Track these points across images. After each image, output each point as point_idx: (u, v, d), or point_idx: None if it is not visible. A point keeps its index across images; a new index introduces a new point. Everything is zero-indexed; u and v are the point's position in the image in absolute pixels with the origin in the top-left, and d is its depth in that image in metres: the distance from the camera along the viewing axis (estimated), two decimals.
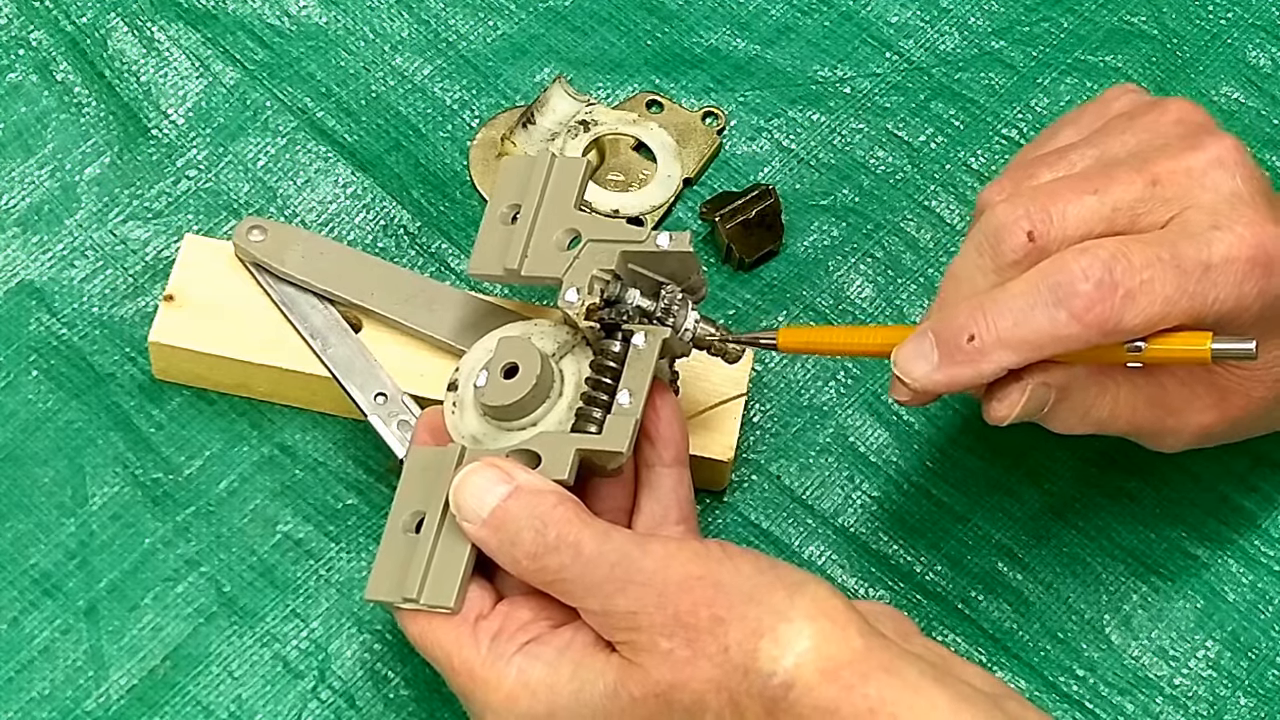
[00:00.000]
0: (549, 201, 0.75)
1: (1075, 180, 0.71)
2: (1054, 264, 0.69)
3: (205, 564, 0.78)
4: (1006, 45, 0.93)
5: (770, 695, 0.64)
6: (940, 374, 0.69)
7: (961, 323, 0.69)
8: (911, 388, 0.70)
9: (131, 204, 0.86)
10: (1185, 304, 0.68)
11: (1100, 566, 0.80)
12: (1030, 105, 0.91)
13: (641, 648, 0.65)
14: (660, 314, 0.73)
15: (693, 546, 0.67)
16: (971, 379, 0.69)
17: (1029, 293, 0.68)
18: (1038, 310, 0.68)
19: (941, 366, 0.69)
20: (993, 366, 0.69)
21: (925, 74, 0.92)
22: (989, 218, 0.70)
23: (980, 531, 0.81)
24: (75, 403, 0.81)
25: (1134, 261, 0.68)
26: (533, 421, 0.72)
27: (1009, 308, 0.68)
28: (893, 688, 0.63)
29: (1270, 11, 0.94)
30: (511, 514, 0.68)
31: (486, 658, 0.68)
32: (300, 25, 0.91)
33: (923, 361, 0.70)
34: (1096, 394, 0.71)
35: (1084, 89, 0.91)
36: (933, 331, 0.70)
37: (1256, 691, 0.78)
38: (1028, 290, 0.68)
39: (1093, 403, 0.71)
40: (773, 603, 0.65)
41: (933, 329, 0.70)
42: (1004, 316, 0.68)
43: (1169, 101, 0.74)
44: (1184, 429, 0.73)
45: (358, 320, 0.81)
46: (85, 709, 0.75)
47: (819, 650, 0.64)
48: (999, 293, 0.69)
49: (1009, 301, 0.69)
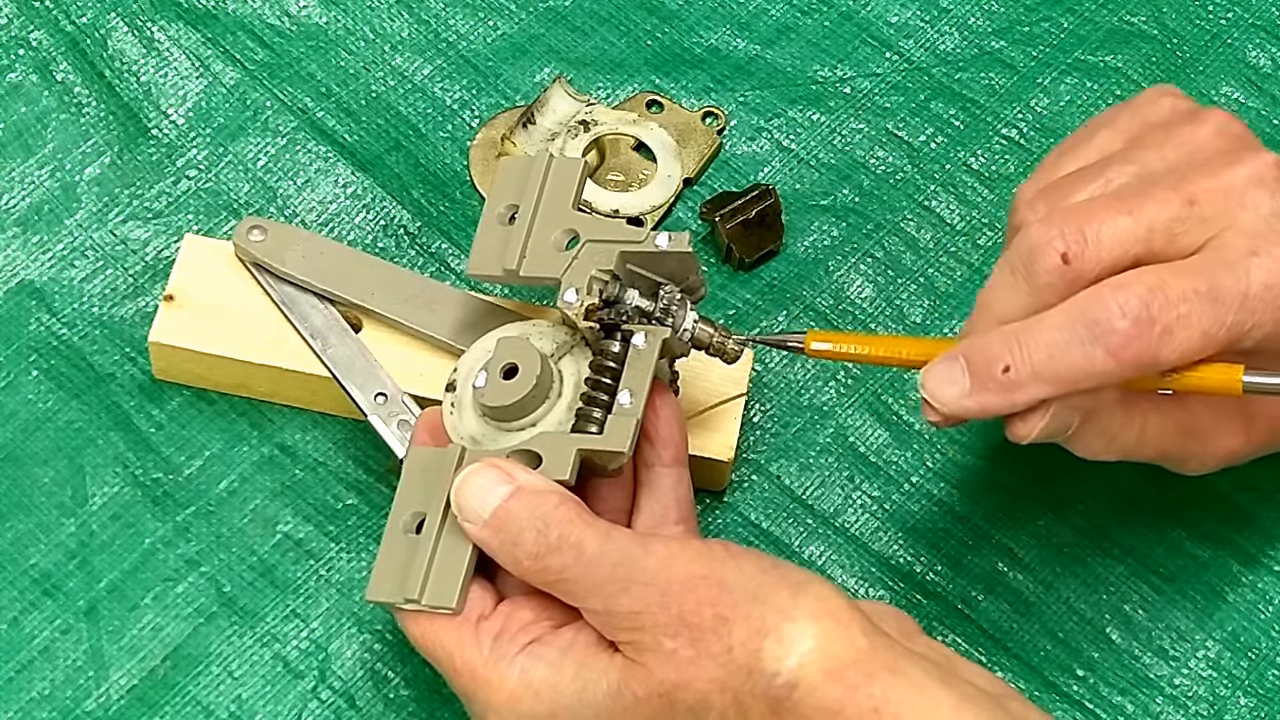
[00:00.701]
0: (547, 202, 0.75)
1: (1110, 200, 0.70)
2: (1090, 297, 0.68)
3: (205, 564, 0.78)
4: (1006, 45, 0.93)
5: (774, 695, 0.64)
6: (972, 401, 0.69)
7: (996, 353, 0.68)
8: (941, 412, 0.69)
9: (131, 204, 0.86)
10: (1223, 335, 0.68)
11: (1100, 566, 0.80)
12: (1030, 105, 0.91)
13: (645, 647, 0.65)
14: (659, 314, 0.73)
15: (696, 546, 0.67)
16: (1004, 409, 0.69)
17: (1065, 326, 0.68)
18: (1074, 346, 0.67)
19: (974, 393, 0.69)
20: (1027, 398, 0.68)
21: (925, 74, 0.92)
22: (1022, 239, 0.70)
23: (980, 531, 0.81)
24: (75, 403, 0.81)
25: (1171, 296, 0.67)
26: (532, 422, 0.72)
27: (1044, 341, 0.68)
28: (897, 687, 0.63)
29: (1270, 11, 0.94)
30: (513, 514, 0.68)
31: (489, 658, 0.68)
32: (300, 25, 0.91)
33: (953, 387, 0.69)
34: (1124, 420, 0.71)
35: (1084, 89, 0.91)
36: (965, 357, 0.69)
37: (1256, 691, 0.78)
38: (1064, 324, 0.68)
39: (1119, 429, 0.71)
40: (776, 602, 0.65)
41: (965, 354, 0.69)
42: (1039, 350, 0.68)
43: (1208, 113, 0.73)
44: (1210, 454, 0.73)
45: (358, 320, 0.81)
46: (85, 709, 0.75)
47: (823, 650, 0.64)
48: (1034, 324, 0.68)
49: (1044, 335, 0.68)
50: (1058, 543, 0.81)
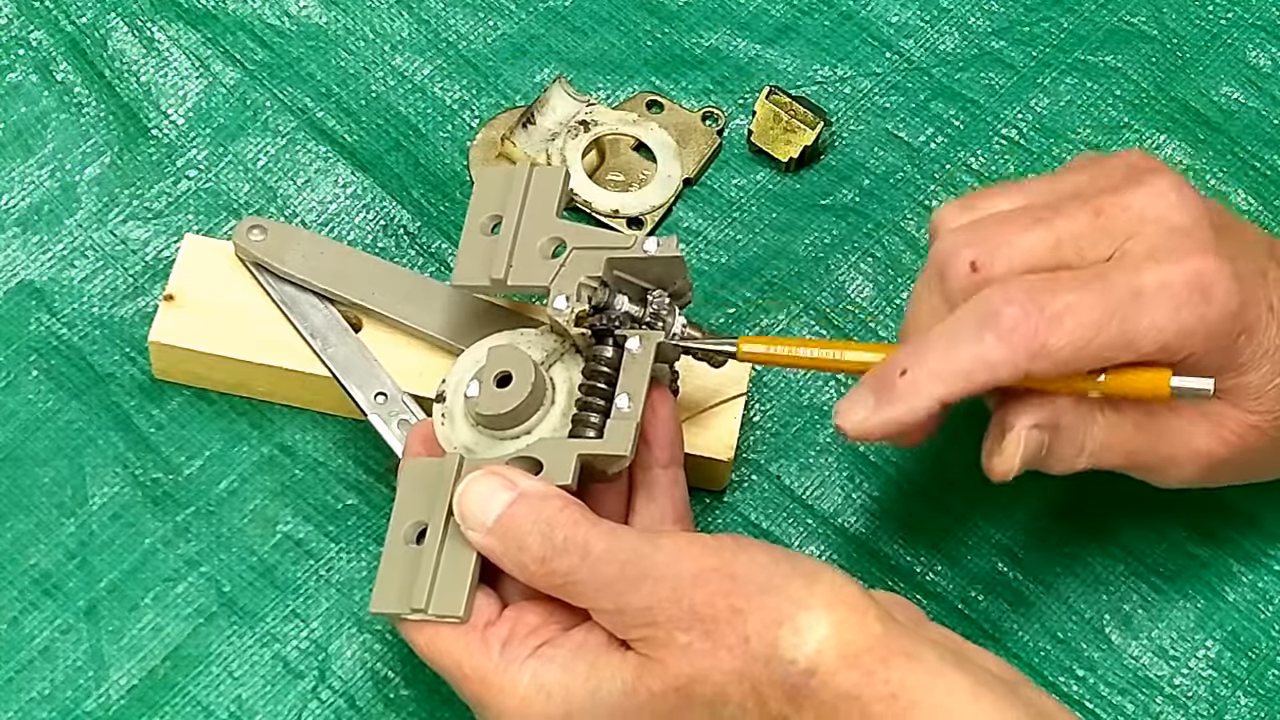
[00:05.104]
0: (530, 211, 0.75)
1: (1020, 212, 0.71)
2: (982, 295, 0.69)
3: (205, 564, 0.78)
4: (1006, 45, 0.93)
5: (793, 683, 0.64)
6: (876, 417, 0.69)
7: (895, 360, 0.70)
8: (849, 434, 0.70)
9: (131, 204, 0.86)
10: (1116, 328, 0.68)
11: (1100, 566, 0.80)
12: (1030, 105, 0.91)
13: (658, 643, 0.65)
14: (649, 319, 0.73)
15: (704, 540, 0.67)
16: (905, 415, 0.69)
17: (955, 321, 0.69)
18: (965, 339, 0.68)
19: (877, 409, 0.69)
20: (925, 400, 0.69)
21: (925, 74, 0.92)
22: (935, 249, 0.71)
23: (980, 531, 0.81)
24: (75, 403, 0.81)
25: (1059, 286, 0.68)
26: (526, 430, 0.72)
27: (939, 338, 0.69)
28: (914, 673, 0.63)
29: (1270, 11, 0.94)
30: (517, 519, 0.68)
31: (499, 663, 0.68)
32: (300, 25, 0.91)
33: (859, 407, 0.70)
34: (1085, 425, 0.71)
35: (1084, 89, 0.91)
36: (869, 376, 0.70)
37: (1256, 691, 0.78)
38: (955, 320, 0.69)
39: (1085, 434, 0.71)
40: (790, 591, 0.65)
41: (869, 375, 0.70)
42: (934, 348, 0.69)
43: (1122, 151, 0.75)
44: (1182, 456, 0.73)
45: (358, 320, 0.81)
46: (85, 709, 0.75)
47: (839, 637, 0.64)
48: (933, 329, 0.70)
49: (938, 333, 0.69)
50: (1058, 543, 0.81)
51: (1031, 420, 0.70)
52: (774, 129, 0.88)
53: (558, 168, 0.77)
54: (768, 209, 0.88)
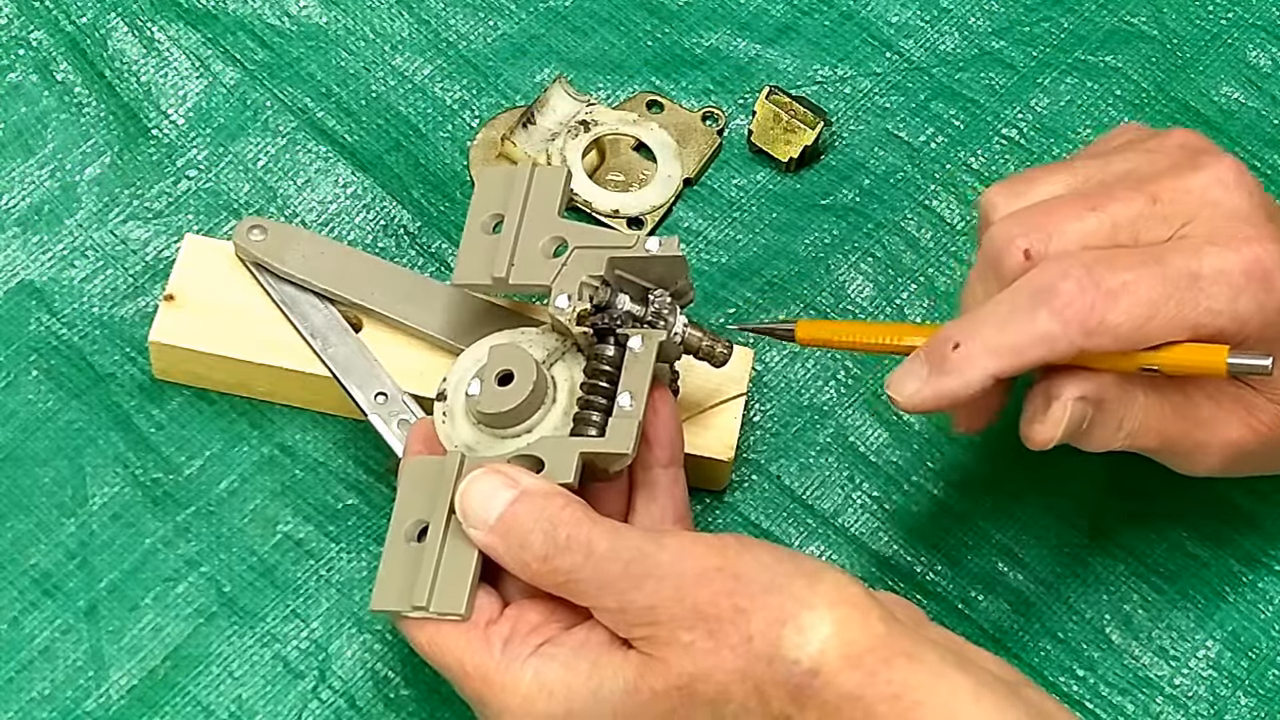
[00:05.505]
0: (532, 210, 0.75)
1: (1073, 198, 0.71)
2: (1038, 269, 0.69)
3: (205, 564, 0.78)
4: (1006, 45, 0.93)
5: (796, 683, 0.64)
6: (929, 388, 0.69)
7: (948, 334, 0.69)
8: (901, 405, 0.70)
9: (131, 204, 0.86)
10: (1173, 309, 0.68)
11: (1100, 567, 0.80)
12: (1030, 105, 0.91)
13: (661, 642, 0.65)
14: (650, 319, 0.73)
15: (707, 540, 0.67)
16: (958, 388, 0.69)
17: (1011, 297, 0.69)
18: (1020, 313, 0.68)
19: (930, 380, 0.69)
20: (979, 374, 0.69)
21: (925, 74, 0.92)
22: (988, 238, 0.71)
23: (980, 531, 0.81)
24: (75, 403, 0.81)
25: (1117, 264, 0.68)
26: (528, 428, 0.72)
27: (993, 313, 0.69)
28: (916, 673, 0.63)
29: (1270, 11, 0.94)
30: (520, 518, 0.68)
31: (500, 661, 0.68)
32: (300, 25, 0.91)
33: (912, 379, 0.70)
34: (1127, 403, 0.71)
35: (1084, 89, 0.91)
36: (923, 349, 0.70)
37: (1257, 691, 0.78)
38: (1010, 296, 0.69)
39: (1126, 413, 0.71)
40: (794, 591, 0.65)
41: (924, 347, 0.70)
42: (988, 323, 0.69)
43: (1173, 130, 0.74)
44: (1213, 444, 0.72)
45: (358, 320, 0.81)
46: (85, 709, 0.75)
47: (842, 636, 0.64)
48: (987, 304, 0.69)
49: (993, 308, 0.69)
50: (1058, 543, 0.81)
51: (1078, 391, 0.69)
52: (774, 129, 0.88)
53: (560, 167, 0.77)
54: (768, 209, 0.88)
